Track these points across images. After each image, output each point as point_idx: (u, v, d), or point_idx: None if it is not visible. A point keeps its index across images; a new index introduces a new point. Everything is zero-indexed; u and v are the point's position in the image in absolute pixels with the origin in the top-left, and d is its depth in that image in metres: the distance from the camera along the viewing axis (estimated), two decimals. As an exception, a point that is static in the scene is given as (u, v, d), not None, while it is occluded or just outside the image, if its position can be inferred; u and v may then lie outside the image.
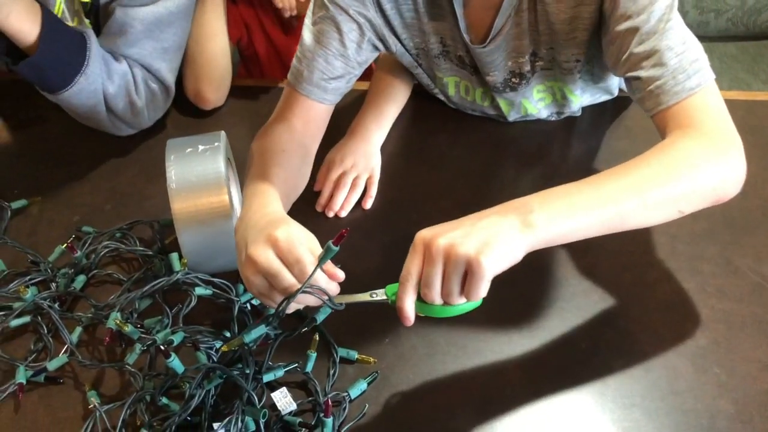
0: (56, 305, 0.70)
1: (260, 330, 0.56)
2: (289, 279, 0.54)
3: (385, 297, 0.57)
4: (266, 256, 0.54)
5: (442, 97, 0.91)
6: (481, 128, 0.91)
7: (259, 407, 0.55)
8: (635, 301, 0.70)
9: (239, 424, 0.54)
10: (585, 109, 0.91)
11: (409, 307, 0.53)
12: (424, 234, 0.53)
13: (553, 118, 0.90)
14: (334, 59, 0.78)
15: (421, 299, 0.54)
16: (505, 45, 0.77)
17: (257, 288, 0.56)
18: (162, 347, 0.57)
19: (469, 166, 0.87)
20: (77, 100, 0.82)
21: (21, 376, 0.65)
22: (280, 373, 0.61)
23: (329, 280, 0.56)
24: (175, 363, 0.57)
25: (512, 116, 0.88)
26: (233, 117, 0.97)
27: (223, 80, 0.97)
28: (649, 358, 0.65)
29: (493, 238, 0.51)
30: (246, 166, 0.73)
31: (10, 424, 0.63)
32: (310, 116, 0.79)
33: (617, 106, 0.93)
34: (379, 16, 0.79)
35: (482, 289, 0.51)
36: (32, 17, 0.76)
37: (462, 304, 0.54)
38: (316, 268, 0.54)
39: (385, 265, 0.62)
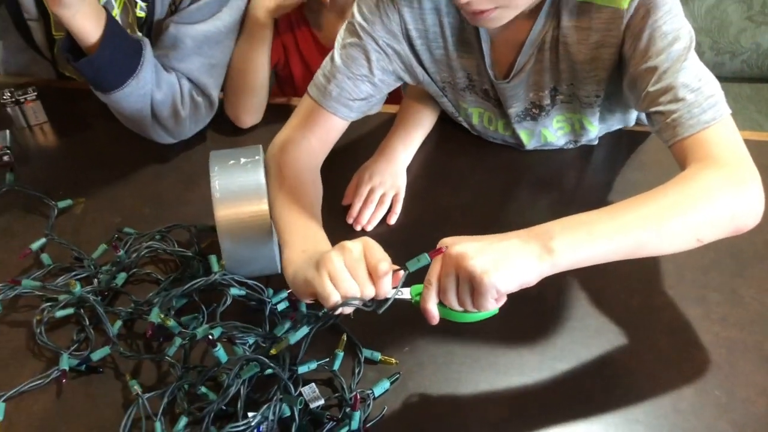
0: (98, 299, 0.75)
1: (304, 331, 0.61)
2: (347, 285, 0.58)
3: (409, 297, 0.61)
4: (338, 265, 0.58)
5: (465, 125, 0.96)
6: (500, 154, 0.96)
7: (294, 395, 0.60)
8: (642, 324, 0.74)
9: (277, 410, 0.59)
10: (601, 141, 0.96)
11: (433, 308, 0.58)
12: (445, 241, 0.58)
13: (570, 146, 0.95)
14: (360, 83, 0.83)
15: (442, 303, 0.58)
16: (527, 80, 0.83)
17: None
18: (210, 337, 0.61)
19: (488, 189, 0.91)
20: (126, 102, 0.88)
21: (65, 363, 0.70)
22: (313, 365, 0.66)
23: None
24: (220, 353, 0.62)
25: (532, 144, 0.93)
26: (267, 133, 1.02)
27: (261, 107, 1.03)
28: (653, 378, 0.69)
29: (504, 260, 0.55)
30: (270, 176, 0.77)
31: (52, 408, 0.68)
32: (330, 130, 0.84)
33: (633, 139, 0.98)
34: (409, 50, 0.84)
35: (488, 303, 0.56)
36: (96, 19, 0.82)
37: (477, 313, 0.58)
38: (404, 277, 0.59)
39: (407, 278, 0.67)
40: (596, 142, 0.95)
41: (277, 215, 0.71)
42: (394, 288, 0.60)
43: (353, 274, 0.58)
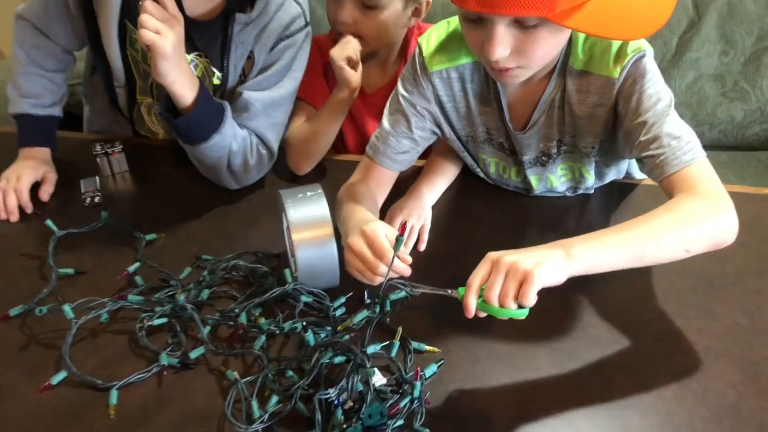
0: (194, 307, 0.91)
1: (363, 314, 0.81)
2: (373, 260, 0.79)
3: (457, 295, 0.78)
4: (358, 243, 0.80)
5: (482, 175, 1.15)
6: (512, 199, 1.14)
7: (368, 367, 0.76)
8: (633, 333, 0.89)
9: (353, 380, 0.75)
10: (596, 190, 1.14)
11: (472, 303, 0.75)
12: (493, 254, 0.76)
13: (570, 193, 1.12)
14: (403, 139, 1.03)
15: (482, 300, 0.75)
16: (539, 132, 1.01)
17: (355, 267, 0.82)
18: (303, 324, 0.79)
19: (503, 227, 1.09)
20: (209, 152, 1.06)
21: (164, 360, 0.85)
22: (377, 347, 0.83)
23: (402, 265, 0.81)
24: (310, 337, 0.80)
25: (539, 189, 1.11)
26: (314, 176, 1.21)
27: (319, 159, 1.20)
28: (643, 375, 0.83)
29: (545, 261, 0.73)
30: (336, 208, 0.97)
31: (153, 396, 0.82)
32: (382, 179, 1.05)
33: (623, 189, 1.16)
34: (440, 111, 1.04)
35: (531, 295, 0.72)
36: (191, 87, 1.01)
37: (511, 310, 0.75)
38: (395, 254, 0.80)
39: (432, 298, 0.83)
40: (592, 192, 1.13)
41: (341, 220, 0.92)
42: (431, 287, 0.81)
43: (365, 262, 0.81)
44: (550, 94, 0.97)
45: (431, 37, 1.01)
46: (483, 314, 0.77)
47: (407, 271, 0.83)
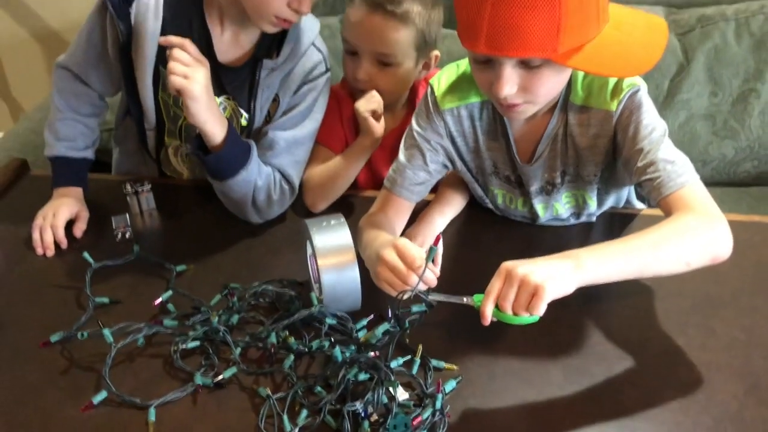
0: (220, 333, 0.97)
1: (384, 326, 0.89)
2: (405, 270, 0.85)
3: (472, 303, 0.85)
4: (390, 255, 0.86)
5: (491, 206, 1.22)
6: (519, 229, 1.20)
7: (393, 380, 0.82)
8: (639, 349, 0.95)
9: (379, 393, 0.80)
10: (599, 219, 1.21)
11: (489, 311, 0.81)
12: (507, 264, 0.82)
13: (573, 219, 1.19)
14: (419, 172, 1.11)
15: (497, 308, 0.81)
16: (544, 164, 1.09)
17: (385, 278, 0.88)
18: (332, 339, 0.85)
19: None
20: (236, 188, 1.13)
21: (198, 379, 0.90)
22: (400, 362, 0.88)
23: (431, 275, 0.88)
24: (337, 352, 0.85)
25: (545, 217, 1.17)
26: (328, 210, 1.27)
27: (335, 198, 1.27)
28: (650, 388, 0.89)
29: (555, 273, 0.80)
30: (357, 236, 1.04)
31: (189, 414, 0.87)
32: (400, 209, 1.12)
33: (625, 219, 1.22)
34: (451, 145, 1.12)
35: (541, 307, 0.79)
36: (221, 125, 1.09)
37: (525, 317, 0.81)
38: (426, 264, 0.87)
39: (449, 317, 0.90)
40: (594, 219, 1.20)
41: (363, 245, 0.99)
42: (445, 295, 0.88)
43: (396, 273, 0.87)
44: (553, 128, 1.05)
45: (442, 79, 1.10)
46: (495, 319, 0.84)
47: (434, 282, 0.90)
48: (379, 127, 1.23)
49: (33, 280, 1.13)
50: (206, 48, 1.16)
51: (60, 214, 1.19)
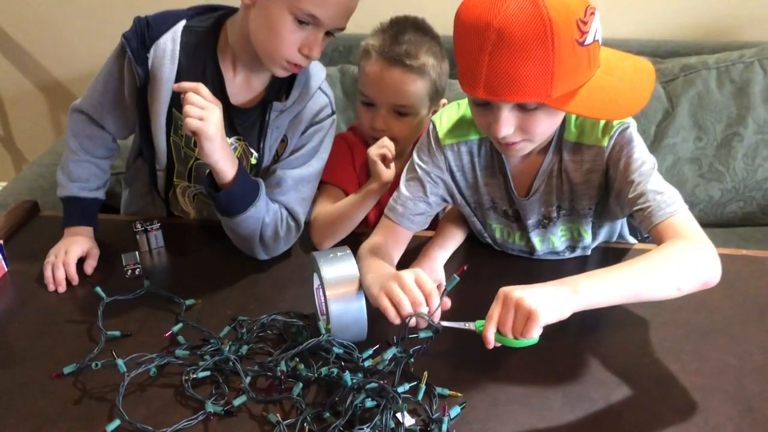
0: (230, 363, 0.99)
1: (392, 351, 0.92)
2: (420, 296, 0.90)
3: (473, 328, 0.89)
4: (409, 278, 0.91)
5: (489, 241, 1.27)
6: (518, 263, 1.25)
7: (400, 405, 0.84)
8: (636, 375, 0.98)
9: (386, 416, 0.83)
10: (593, 252, 1.25)
11: (491, 336, 0.85)
12: (505, 289, 0.86)
13: (569, 252, 1.23)
14: (419, 203, 1.16)
15: (499, 332, 0.85)
16: (540, 199, 1.14)
17: (396, 299, 0.90)
18: (343, 364, 0.89)
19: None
20: (245, 224, 1.18)
21: (209, 407, 0.93)
22: (407, 387, 0.91)
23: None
24: (347, 377, 0.88)
25: (542, 250, 1.22)
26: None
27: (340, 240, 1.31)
28: (647, 411, 0.92)
29: (550, 298, 0.84)
30: (357, 261, 1.06)
31: (200, 439, 0.91)
32: (399, 238, 1.17)
33: (618, 253, 1.27)
34: (451, 179, 1.18)
35: (535, 332, 0.83)
36: (232, 165, 1.14)
37: (523, 340, 0.85)
38: (445, 292, 0.92)
39: (451, 347, 0.93)
40: (589, 252, 1.25)
41: (364, 270, 1.02)
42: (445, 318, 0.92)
43: (407, 294, 0.89)
44: (548, 165, 1.11)
45: (443, 116, 1.17)
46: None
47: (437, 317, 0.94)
48: (387, 173, 1.28)
49: (45, 315, 1.16)
50: (219, 90, 1.23)
51: (71, 252, 1.23)
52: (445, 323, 0.93)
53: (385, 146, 1.29)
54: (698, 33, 2.10)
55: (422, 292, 0.90)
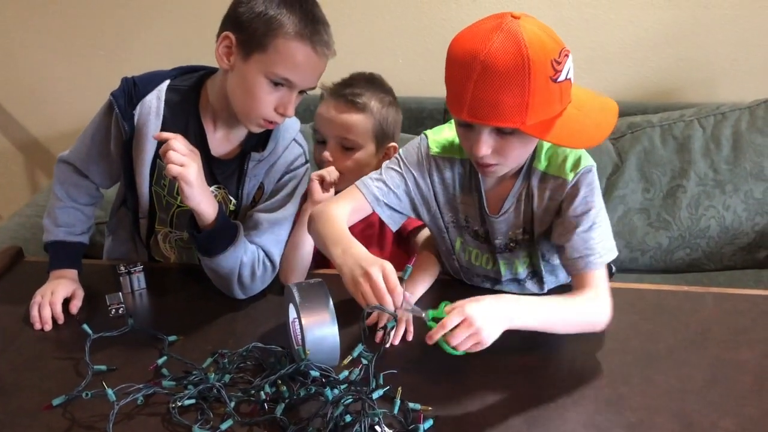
0: (214, 391, 1.06)
1: (359, 348, 1.06)
2: (384, 291, 1.00)
3: (425, 317, 1.02)
4: (378, 276, 1.00)
5: (456, 265, 1.35)
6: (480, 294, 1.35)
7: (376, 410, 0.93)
8: (589, 398, 1.08)
9: (365, 423, 0.90)
10: (550, 291, 1.35)
11: (436, 338, 0.99)
12: (469, 310, 0.98)
13: (528, 281, 1.34)
14: (392, 191, 1.24)
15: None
16: (508, 219, 1.25)
17: (364, 292, 1.01)
18: (323, 380, 0.97)
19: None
20: (224, 263, 1.25)
21: (197, 431, 0.99)
22: (381, 393, 1.01)
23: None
24: (328, 392, 0.96)
25: (506, 275, 1.32)
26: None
27: (305, 271, 1.39)
28: (599, 428, 1.02)
29: (498, 329, 1.01)
30: (315, 218, 1.17)
31: (186, 461, 0.96)
32: (359, 208, 1.23)
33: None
34: (431, 191, 1.27)
35: (478, 350, 1.01)
36: (212, 207, 1.23)
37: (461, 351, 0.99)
38: (404, 281, 1.04)
39: (421, 376, 1.02)
40: (545, 291, 1.35)
41: (330, 235, 1.12)
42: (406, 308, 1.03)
43: (376, 291, 0.99)
44: (518, 189, 1.23)
45: (435, 131, 1.28)
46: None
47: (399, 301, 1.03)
48: (320, 194, 1.38)
49: (32, 351, 1.21)
50: (201, 143, 1.32)
51: (57, 292, 1.29)
52: (399, 311, 1.02)
53: (328, 171, 1.41)
54: (643, 94, 2.29)
55: (387, 286, 1.00)
